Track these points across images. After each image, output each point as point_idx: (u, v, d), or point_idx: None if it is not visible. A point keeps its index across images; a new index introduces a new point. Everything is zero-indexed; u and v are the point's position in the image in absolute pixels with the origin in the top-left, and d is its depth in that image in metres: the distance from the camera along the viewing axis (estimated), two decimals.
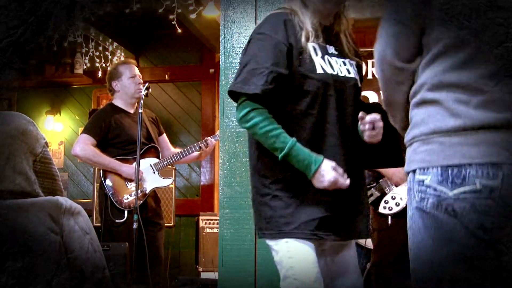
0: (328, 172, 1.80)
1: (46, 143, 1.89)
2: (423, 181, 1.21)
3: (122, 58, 5.26)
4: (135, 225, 3.01)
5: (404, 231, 1.29)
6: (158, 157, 3.66)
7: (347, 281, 2.00)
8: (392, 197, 3.15)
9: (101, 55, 5.39)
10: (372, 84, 3.62)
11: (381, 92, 1.47)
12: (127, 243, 3.08)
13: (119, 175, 3.50)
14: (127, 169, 3.48)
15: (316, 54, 1.91)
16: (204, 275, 4.34)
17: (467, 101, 1.17)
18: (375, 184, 3.21)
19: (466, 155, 1.16)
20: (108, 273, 1.81)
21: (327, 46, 1.98)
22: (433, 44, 1.25)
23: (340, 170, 1.83)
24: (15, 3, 1.27)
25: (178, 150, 3.75)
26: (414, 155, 1.26)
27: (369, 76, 5.47)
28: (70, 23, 1.38)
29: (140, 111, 3.13)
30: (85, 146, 3.47)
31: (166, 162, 3.65)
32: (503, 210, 1.12)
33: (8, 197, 1.67)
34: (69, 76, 5.74)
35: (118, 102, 3.67)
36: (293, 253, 1.85)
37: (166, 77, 5.62)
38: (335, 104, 1.90)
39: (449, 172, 1.17)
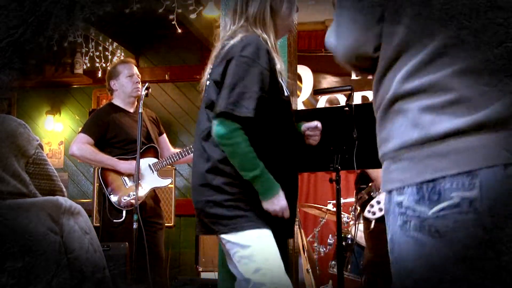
0: (283, 200, 1.97)
1: (40, 145, 1.88)
2: (401, 202, 1.09)
3: (122, 58, 5.26)
4: (135, 225, 3.01)
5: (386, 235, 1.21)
6: (157, 157, 3.64)
7: None
8: (377, 201, 3.11)
9: (101, 55, 5.39)
10: (372, 84, 3.62)
11: None
12: (127, 243, 3.08)
13: (118, 174, 3.50)
14: (125, 165, 3.47)
15: (281, 78, 2.09)
16: (204, 275, 4.34)
17: (432, 106, 1.06)
18: (365, 186, 3.19)
19: (438, 168, 1.03)
20: (108, 273, 1.81)
21: None
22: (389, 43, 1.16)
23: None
24: (15, 3, 1.27)
25: (178, 150, 3.74)
26: (387, 174, 1.15)
27: (369, 76, 5.49)
28: (70, 23, 1.38)
29: (140, 111, 3.11)
30: (82, 145, 3.46)
31: (165, 162, 3.63)
32: (489, 222, 1.00)
33: (6, 197, 1.67)
34: (69, 76, 5.75)
35: (117, 101, 3.67)
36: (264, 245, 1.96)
37: (166, 77, 5.62)
38: (292, 120, 2.17)
39: (424, 189, 1.04)
